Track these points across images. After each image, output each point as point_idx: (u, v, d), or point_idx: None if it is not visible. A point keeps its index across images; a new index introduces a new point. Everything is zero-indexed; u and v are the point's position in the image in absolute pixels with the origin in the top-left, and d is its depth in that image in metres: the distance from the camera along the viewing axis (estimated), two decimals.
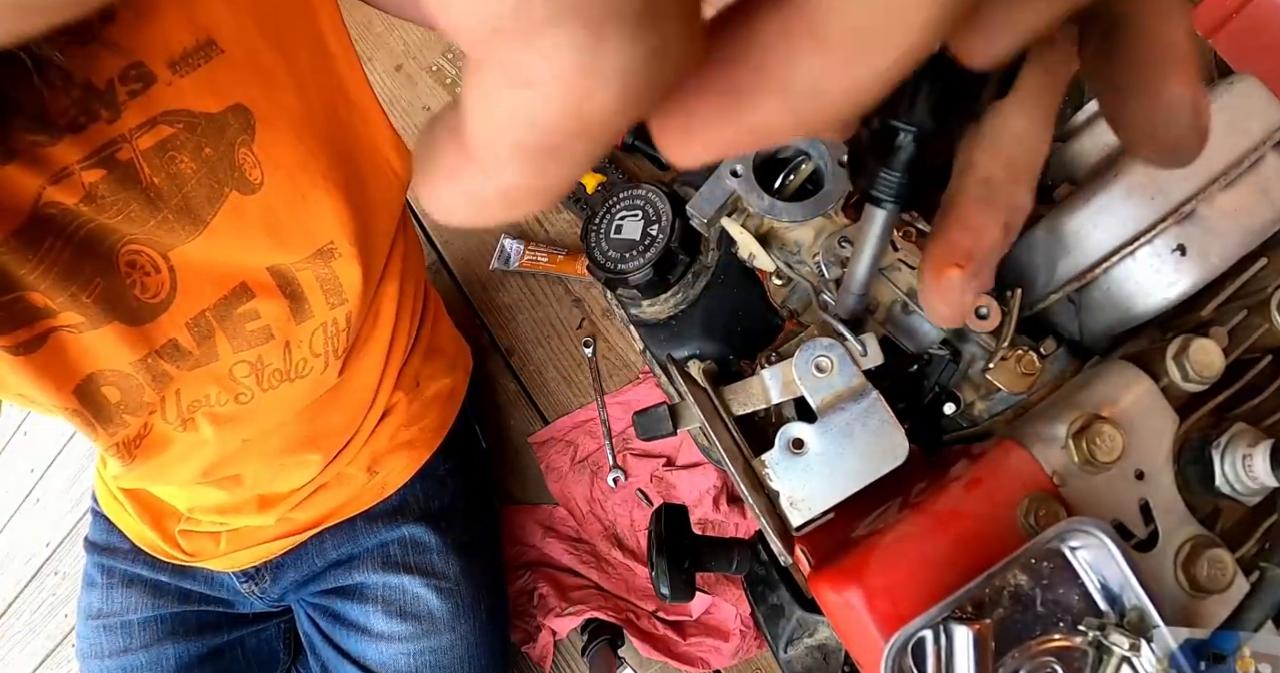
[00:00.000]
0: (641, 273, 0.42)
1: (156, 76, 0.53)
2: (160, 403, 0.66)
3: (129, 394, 0.63)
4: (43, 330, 0.57)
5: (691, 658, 1.01)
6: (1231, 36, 1.00)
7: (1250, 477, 0.30)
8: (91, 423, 0.63)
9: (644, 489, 1.08)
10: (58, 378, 0.59)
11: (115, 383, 0.62)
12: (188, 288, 0.62)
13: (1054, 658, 0.28)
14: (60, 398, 0.60)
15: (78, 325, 0.57)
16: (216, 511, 0.85)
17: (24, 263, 0.52)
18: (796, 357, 0.32)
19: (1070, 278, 0.36)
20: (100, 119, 0.51)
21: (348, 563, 0.94)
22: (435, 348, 0.96)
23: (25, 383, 0.58)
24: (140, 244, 0.58)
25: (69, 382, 0.60)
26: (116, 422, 0.64)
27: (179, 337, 0.63)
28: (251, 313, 0.66)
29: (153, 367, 0.63)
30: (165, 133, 0.54)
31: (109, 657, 0.91)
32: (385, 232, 0.76)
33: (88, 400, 0.62)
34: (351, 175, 0.67)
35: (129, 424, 0.65)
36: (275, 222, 0.62)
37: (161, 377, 0.64)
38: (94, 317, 0.57)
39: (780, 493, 0.30)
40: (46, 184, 0.51)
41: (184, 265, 0.61)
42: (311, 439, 0.81)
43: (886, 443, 0.30)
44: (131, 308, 0.59)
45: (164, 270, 0.60)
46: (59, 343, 0.58)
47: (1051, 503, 0.29)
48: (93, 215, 0.54)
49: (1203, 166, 0.33)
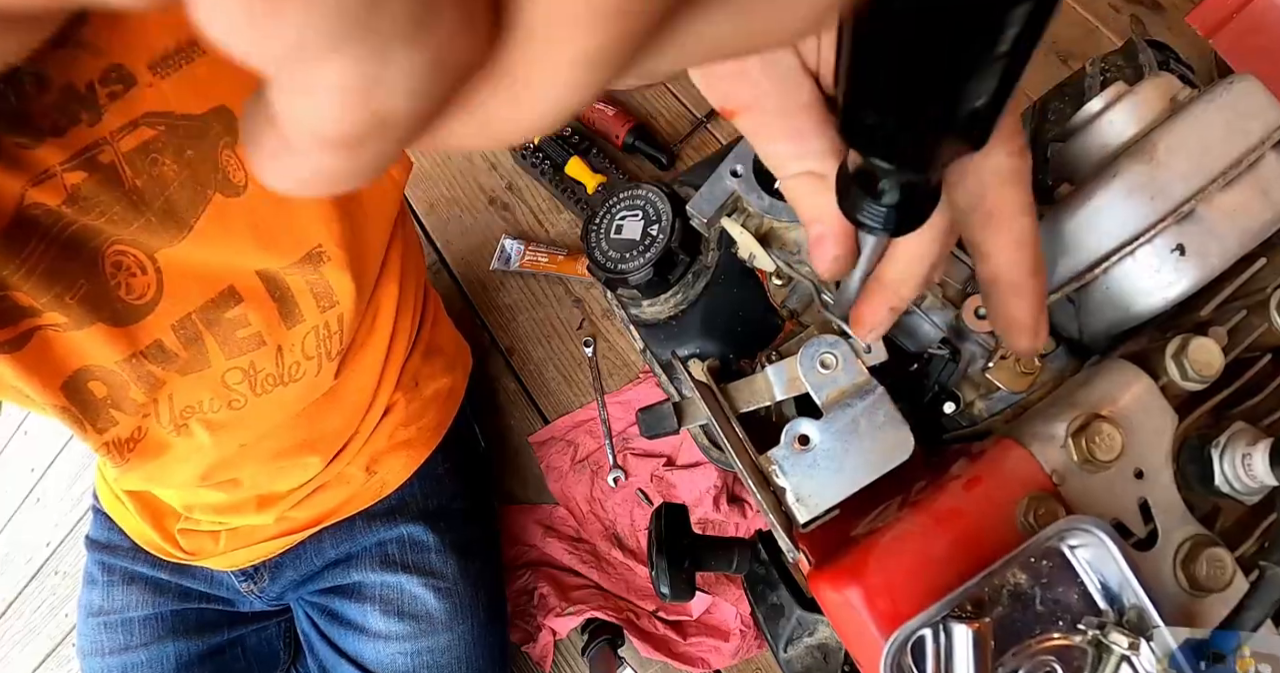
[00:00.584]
0: (641, 273, 0.42)
1: (137, 78, 0.52)
2: (153, 406, 0.66)
3: (116, 390, 0.63)
4: (27, 328, 0.57)
5: (691, 658, 1.01)
6: (1231, 36, 1.00)
7: (1249, 476, 0.30)
8: (80, 421, 0.63)
9: (644, 489, 1.08)
10: (44, 375, 0.59)
11: (102, 379, 0.62)
12: (174, 290, 0.62)
13: (1053, 657, 0.28)
14: (48, 395, 0.60)
15: (61, 324, 0.57)
16: (215, 511, 0.85)
17: (7, 263, 0.52)
18: (801, 354, 0.32)
19: (1070, 277, 0.36)
20: (81, 121, 0.51)
21: (346, 562, 0.94)
22: (435, 348, 0.96)
23: (12, 380, 0.58)
24: (126, 245, 0.58)
25: (56, 378, 0.60)
26: (105, 419, 0.64)
27: (164, 339, 0.63)
28: (241, 319, 0.66)
29: (138, 368, 0.62)
30: (147, 135, 0.54)
31: (109, 655, 0.91)
32: (378, 234, 0.76)
33: (75, 396, 0.62)
34: None
35: (118, 422, 0.65)
36: (261, 224, 0.62)
37: (148, 378, 0.64)
38: (78, 316, 0.57)
39: (787, 490, 0.30)
40: (29, 185, 0.51)
41: (171, 267, 0.61)
42: (309, 442, 0.81)
43: (893, 438, 0.30)
44: (116, 308, 0.59)
45: (150, 271, 0.60)
46: (44, 341, 0.58)
47: (1051, 502, 0.29)
48: (76, 216, 0.54)
49: (1202, 166, 0.33)
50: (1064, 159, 0.40)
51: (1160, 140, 0.34)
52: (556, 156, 1.21)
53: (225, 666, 0.94)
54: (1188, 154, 0.34)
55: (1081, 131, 0.38)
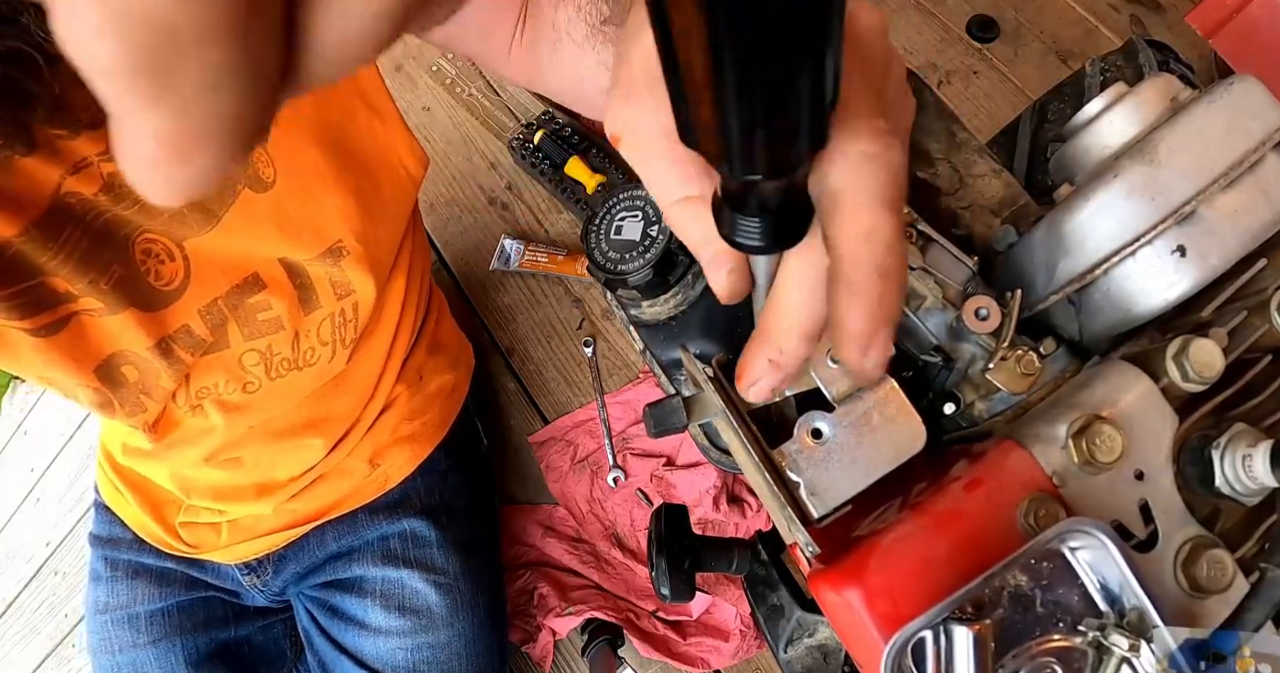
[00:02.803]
0: (641, 273, 0.42)
1: None
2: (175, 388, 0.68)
3: (147, 376, 0.66)
4: (65, 314, 0.59)
5: (691, 658, 1.01)
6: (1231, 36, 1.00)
7: (1250, 477, 0.30)
8: (110, 402, 0.66)
9: (644, 489, 1.08)
10: (79, 359, 0.62)
11: (134, 363, 0.65)
12: (201, 276, 0.64)
13: (1054, 659, 0.28)
14: (82, 377, 0.63)
15: (97, 310, 0.60)
16: (213, 495, 0.86)
17: (45, 250, 0.54)
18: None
19: (1070, 278, 0.36)
20: None
21: (347, 556, 0.94)
22: (438, 344, 0.96)
23: (49, 364, 0.60)
24: (155, 233, 0.60)
25: (90, 362, 0.63)
26: (133, 402, 0.67)
27: (192, 323, 0.65)
28: (263, 303, 0.68)
29: (167, 352, 0.65)
30: None
31: (119, 652, 0.91)
32: (396, 231, 0.78)
33: (107, 379, 0.64)
34: (364, 177, 0.69)
35: (146, 407, 0.68)
36: (286, 219, 0.64)
37: (177, 364, 0.66)
38: (112, 302, 0.59)
39: (800, 485, 0.30)
40: (66, 174, 0.53)
41: (198, 254, 0.63)
42: (313, 423, 0.82)
43: (906, 430, 0.30)
44: (146, 294, 0.62)
45: (179, 258, 0.62)
46: (80, 326, 0.60)
47: (1051, 504, 0.29)
48: (110, 205, 0.56)
49: (1203, 167, 0.33)
50: (1064, 159, 0.40)
51: (1161, 141, 0.34)
52: (556, 156, 1.21)
53: (232, 663, 0.94)
54: (1188, 154, 0.34)
55: (1081, 132, 0.38)
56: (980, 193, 0.45)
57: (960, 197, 0.45)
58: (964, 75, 1.22)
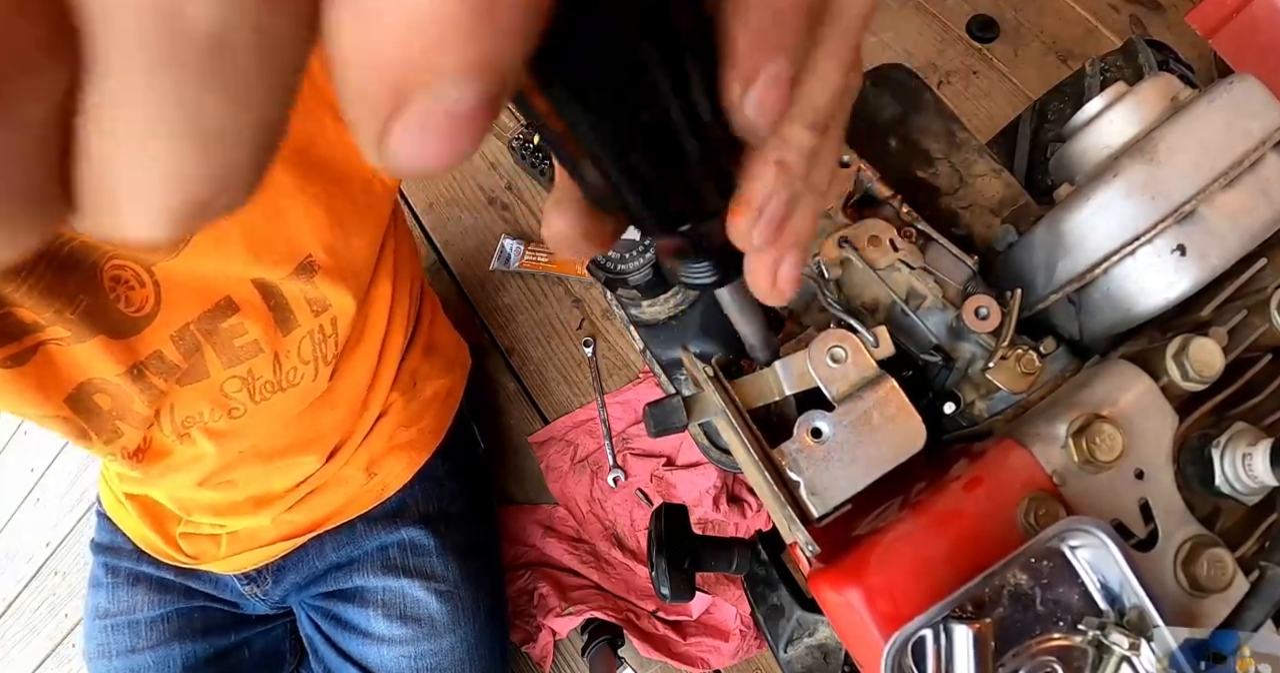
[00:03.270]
0: (641, 273, 0.42)
1: None
2: (155, 417, 0.67)
3: (120, 402, 0.64)
4: (32, 344, 0.58)
5: (691, 658, 1.01)
6: (1231, 36, 1.00)
7: (1250, 476, 0.30)
8: (84, 431, 0.64)
9: (644, 489, 1.08)
10: (48, 389, 0.60)
11: (106, 391, 0.63)
12: (172, 301, 0.62)
13: (1054, 657, 0.28)
14: (52, 407, 0.61)
15: (65, 339, 0.58)
16: (212, 512, 0.86)
17: (9, 280, 0.53)
18: (811, 348, 0.32)
19: (1070, 278, 0.36)
20: None
21: (348, 566, 0.95)
22: (433, 347, 0.96)
23: (19, 396, 0.59)
24: (123, 259, 0.59)
25: (60, 392, 0.61)
26: (110, 430, 0.65)
27: (164, 349, 0.64)
28: (238, 328, 0.67)
29: (139, 377, 0.63)
30: None
31: (116, 657, 0.91)
32: (373, 239, 0.77)
33: (80, 408, 0.63)
34: (335, 187, 0.68)
35: (123, 434, 0.66)
36: (254, 236, 0.63)
37: (150, 389, 0.64)
38: (80, 331, 0.58)
39: (801, 484, 0.30)
40: None
41: (168, 279, 0.62)
42: (304, 442, 0.82)
43: (906, 429, 0.30)
44: (116, 321, 0.60)
45: (149, 284, 0.61)
46: (47, 356, 0.59)
47: (1051, 503, 0.29)
48: (74, 233, 0.54)
49: (1203, 166, 0.33)
50: (1064, 159, 0.40)
51: (1161, 140, 0.34)
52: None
53: (231, 668, 0.95)
54: (1188, 154, 0.34)
55: (1081, 131, 0.38)
56: (980, 193, 0.45)
57: (960, 196, 0.45)
58: (964, 75, 1.22)
